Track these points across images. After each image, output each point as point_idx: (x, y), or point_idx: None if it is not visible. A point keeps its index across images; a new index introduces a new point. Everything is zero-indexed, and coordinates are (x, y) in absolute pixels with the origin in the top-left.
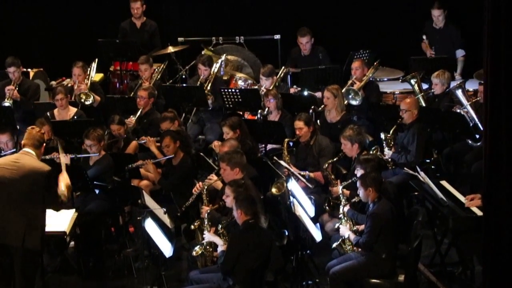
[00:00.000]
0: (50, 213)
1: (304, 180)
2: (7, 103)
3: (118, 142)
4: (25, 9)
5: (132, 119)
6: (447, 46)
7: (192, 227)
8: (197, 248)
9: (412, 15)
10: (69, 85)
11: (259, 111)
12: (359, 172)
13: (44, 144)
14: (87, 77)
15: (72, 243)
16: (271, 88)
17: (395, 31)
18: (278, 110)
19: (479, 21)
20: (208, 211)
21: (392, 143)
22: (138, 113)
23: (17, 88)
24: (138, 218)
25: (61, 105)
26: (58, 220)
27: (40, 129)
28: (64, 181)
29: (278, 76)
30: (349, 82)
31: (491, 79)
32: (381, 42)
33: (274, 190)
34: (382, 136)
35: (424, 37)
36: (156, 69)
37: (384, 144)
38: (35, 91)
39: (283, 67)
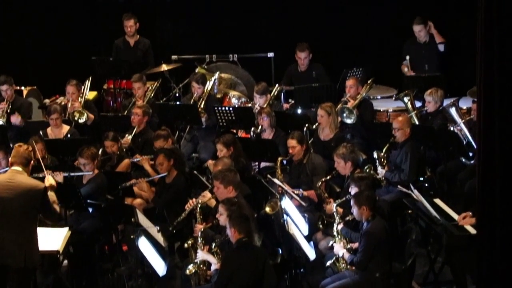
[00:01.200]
0: (43, 231)
1: (298, 198)
2: (0, 121)
3: (111, 159)
4: (18, 27)
5: (128, 138)
6: (436, 59)
7: (186, 245)
8: (190, 266)
9: (405, 33)
10: (63, 103)
11: (252, 128)
12: (353, 190)
13: (32, 162)
14: (80, 95)
15: (65, 261)
16: (265, 106)
17: (388, 49)
18: (271, 128)
19: (472, 39)
20: (202, 229)
21: (385, 161)
22: (133, 131)
23: (10, 107)
24: (132, 236)
25: (55, 124)
26: (51, 239)
27: (27, 146)
28: (50, 198)
29: (272, 94)
30: (343, 100)
31: (484, 97)
32: (374, 60)
33: (268, 209)
34: (375, 155)
35: (407, 57)
36: (150, 87)
37: (377, 163)
38: (27, 109)
39: (276, 85)
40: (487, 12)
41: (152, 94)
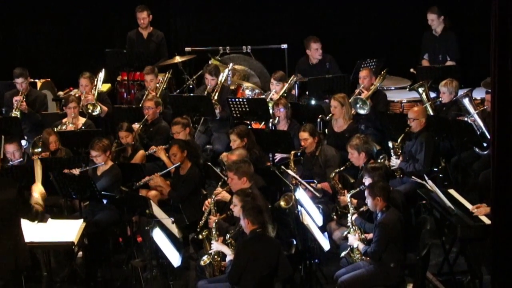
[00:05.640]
0: (58, 223)
1: (312, 189)
2: (15, 113)
3: (126, 150)
4: (32, 20)
5: (135, 125)
6: (452, 50)
7: (200, 236)
8: (205, 257)
9: (419, 24)
10: (77, 95)
11: (271, 120)
12: (367, 180)
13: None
14: (94, 87)
15: (80, 253)
16: (280, 93)
17: (402, 39)
18: (287, 120)
19: (487, 29)
20: (216, 220)
21: (400, 151)
22: (143, 120)
23: (24, 99)
24: (146, 228)
25: (72, 113)
26: (66, 231)
27: None
28: (37, 190)
29: (288, 83)
30: (357, 91)
31: (498, 88)
32: (388, 50)
33: (282, 203)
34: (390, 144)
35: (425, 56)
36: (161, 79)
37: (391, 153)
38: (42, 102)
39: (292, 76)
40: (502, 3)
41: (164, 86)
